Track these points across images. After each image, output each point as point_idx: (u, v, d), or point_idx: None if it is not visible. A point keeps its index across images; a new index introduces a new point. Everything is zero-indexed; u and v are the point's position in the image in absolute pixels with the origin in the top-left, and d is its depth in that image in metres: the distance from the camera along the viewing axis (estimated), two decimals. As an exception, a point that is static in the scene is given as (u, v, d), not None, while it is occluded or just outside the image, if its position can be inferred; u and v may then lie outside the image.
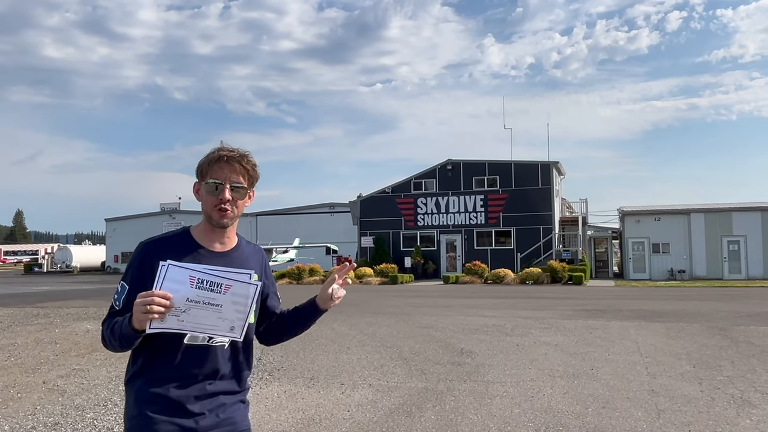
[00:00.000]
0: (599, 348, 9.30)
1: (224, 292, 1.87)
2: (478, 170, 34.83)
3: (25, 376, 7.51)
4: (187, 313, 1.82)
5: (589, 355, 8.72)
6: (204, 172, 2.05)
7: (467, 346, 9.53)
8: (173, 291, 1.80)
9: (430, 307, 16.36)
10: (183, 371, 1.98)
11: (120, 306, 1.98)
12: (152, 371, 1.98)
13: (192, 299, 1.82)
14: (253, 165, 2.09)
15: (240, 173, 2.04)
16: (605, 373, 7.49)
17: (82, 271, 52.99)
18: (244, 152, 2.08)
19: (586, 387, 6.74)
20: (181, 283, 1.82)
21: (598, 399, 6.20)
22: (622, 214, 34.03)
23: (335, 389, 6.75)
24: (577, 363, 8.14)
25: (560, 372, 7.56)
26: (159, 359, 1.97)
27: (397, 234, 35.76)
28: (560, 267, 28.16)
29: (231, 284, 1.88)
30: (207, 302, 1.84)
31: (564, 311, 14.93)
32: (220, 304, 1.86)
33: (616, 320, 12.88)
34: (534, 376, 7.35)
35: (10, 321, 13.20)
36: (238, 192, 2.05)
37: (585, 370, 7.68)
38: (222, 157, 2.03)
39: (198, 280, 1.84)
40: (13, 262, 77.68)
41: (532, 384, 6.91)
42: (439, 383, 6.98)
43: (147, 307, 1.76)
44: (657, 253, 32.51)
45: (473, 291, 23.79)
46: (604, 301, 18.01)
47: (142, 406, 1.97)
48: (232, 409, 2.07)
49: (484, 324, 12.27)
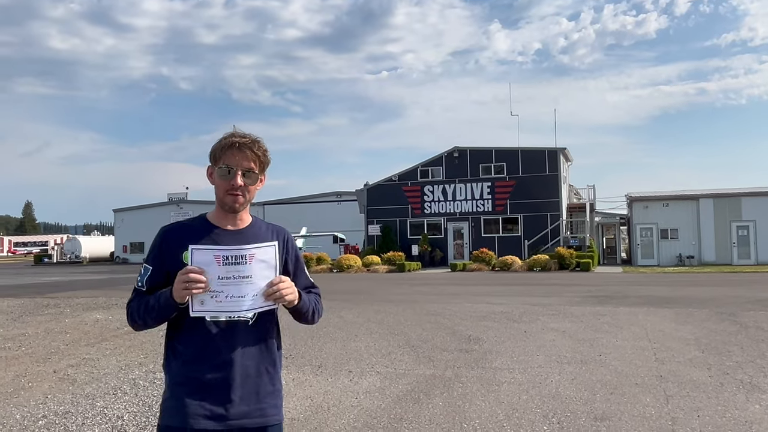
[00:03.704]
0: (607, 334, 9.28)
1: (250, 261, 1.97)
2: (484, 157, 34.71)
3: (36, 365, 7.58)
4: (223, 293, 1.92)
5: (597, 341, 8.71)
6: (217, 157, 2.13)
7: (475, 333, 9.53)
8: (205, 273, 1.92)
9: (438, 295, 16.37)
10: (210, 350, 2.03)
11: (144, 287, 2.10)
12: (181, 352, 2.06)
13: (223, 276, 1.92)
14: (264, 151, 2.16)
15: (251, 159, 2.11)
16: (613, 359, 7.48)
17: (91, 261, 53.32)
18: (256, 138, 2.15)
19: (594, 373, 6.73)
20: (209, 264, 1.93)
21: (607, 385, 6.19)
22: (630, 200, 33.87)
23: (343, 377, 6.77)
24: (585, 349, 8.12)
25: (568, 358, 7.55)
26: (187, 340, 2.05)
27: (404, 222, 35.76)
28: (568, 254, 28.10)
29: (253, 252, 1.99)
30: (237, 276, 1.94)
31: (572, 298, 14.90)
32: (250, 274, 1.95)
33: (624, 306, 12.85)
34: (542, 362, 7.35)
35: (21, 311, 13.30)
36: (250, 177, 2.12)
37: (593, 356, 7.67)
38: (234, 143, 2.10)
39: (224, 257, 1.95)
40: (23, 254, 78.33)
41: (540, 370, 6.90)
42: (447, 370, 6.99)
43: (185, 283, 1.90)
44: (665, 239, 32.40)
45: (481, 278, 23.78)
46: (612, 288, 17.97)
47: (174, 388, 2.05)
48: (265, 399, 2.10)
49: (491, 311, 12.27)
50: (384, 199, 36.08)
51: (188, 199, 54.20)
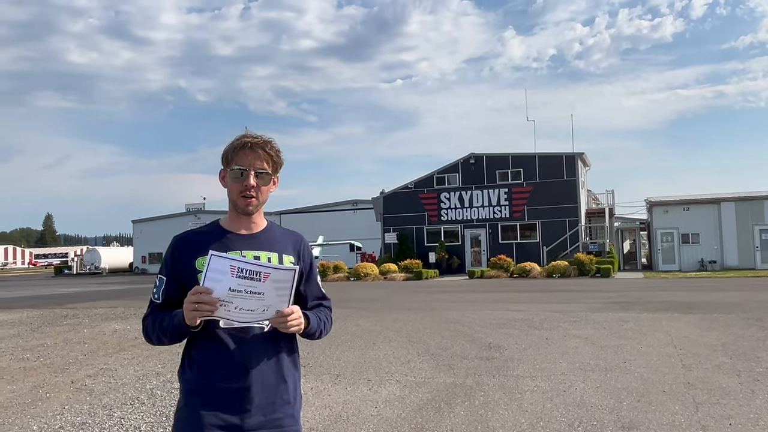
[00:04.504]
0: (631, 341, 9.07)
1: (264, 279, 1.88)
2: (501, 163, 34.48)
3: (54, 376, 7.56)
4: (232, 303, 1.86)
5: (621, 347, 8.51)
6: (229, 159, 2.09)
7: (495, 340, 9.37)
8: (216, 281, 1.84)
9: (456, 302, 16.21)
10: (225, 357, 1.97)
11: (160, 299, 2.05)
12: (196, 360, 2.00)
13: (234, 288, 1.85)
14: (277, 151, 2.11)
15: (264, 159, 2.07)
16: (638, 366, 7.29)
17: (110, 272, 53.78)
18: (268, 138, 2.11)
19: (619, 380, 6.55)
20: (224, 273, 1.85)
21: (633, 393, 6.02)
22: (649, 204, 33.43)
23: (362, 385, 6.66)
24: (609, 356, 7.94)
25: (592, 365, 7.37)
26: (201, 346, 2.00)
27: (421, 229, 35.61)
28: (587, 260, 27.76)
29: (269, 272, 1.89)
30: (249, 290, 1.86)
31: (593, 304, 14.66)
32: (262, 292, 1.88)
33: (647, 312, 12.60)
34: (565, 369, 7.18)
35: (40, 322, 13.37)
36: (263, 178, 2.07)
37: (617, 363, 7.48)
38: (246, 144, 2.06)
39: (238, 270, 1.85)
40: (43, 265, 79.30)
41: (564, 378, 6.74)
42: (468, 378, 6.85)
43: (194, 305, 1.83)
44: (686, 243, 31.88)
45: (499, 285, 23.55)
46: (634, 293, 17.68)
47: (188, 397, 1.99)
48: (282, 409, 2.03)
49: (511, 318, 12.09)
50: (400, 206, 35.97)
51: (205, 210, 54.55)
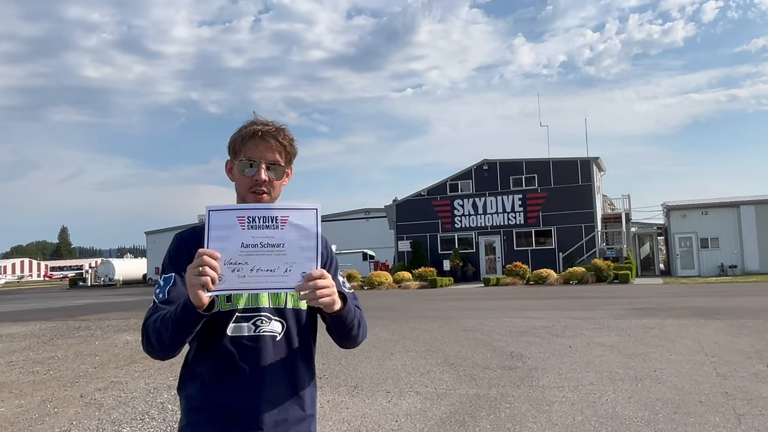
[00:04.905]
0: (659, 348, 8.72)
1: (282, 225, 1.54)
2: (515, 169, 34.10)
3: (63, 389, 7.34)
4: (247, 265, 1.50)
5: (649, 355, 8.16)
6: (237, 150, 1.81)
7: (517, 349, 9.05)
8: (223, 239, 1.50)
9: (473, 310, 15.87)
10: (231, 370, 1.70)
11: (165, 296, 1.70)
12: (199, 373, 1.73)
13: (248, 244, 1.51)
14: (291, 140, 1.83)
15: (276, 150, 1.79)
16: (670, 374, 6.94)
17: (124, 283, 53.85)
18: (281, 125, 1.82)
19: (651, 390, 6.22)
20: (231, 227, 1.51)
21: (668, 403, 5.69)
22: (667, 209, 32.91)
23: (381, 398, 6.37)
24: (638, 365, 7.60)
25: (621, 375, 7.04)
26: (204, 357, 1.73)
27: (435, 237, 35.26)
28: (605, 265, 27.31)
29: (287, 214, 1.54)
30: (266, 243, 1.52)
31: (614, 311, 14.28)
32: (282, 242, 1.53)
33: (671, 318, 12.21)
34: (592, 379, 6.85)
35: (52, 334, 13.21)
36: (275, 171, 1.79)
37: (647, 372, 7.14)
38: (256, 133, 1.77)
39: (249, 219, 1.52)
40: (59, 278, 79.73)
41: (592, 388, 6.41)
42: (491, 389, 6.54)
43: (199, 276, 1.45)
44: (705, 248, 31.32)
45: (516, 293, 23.17)
46: (655, 299, 17.25)
47: (190, 414, 1.74)
48: (296, 427, 1.76)
49: (531, 326, 11.75)
50: (413, 214, 35.66)
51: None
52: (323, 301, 1.57)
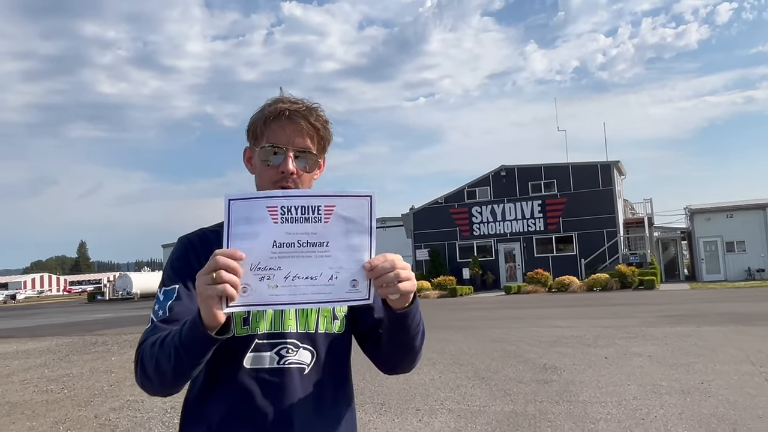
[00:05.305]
0: (701, 357, 8.23)
1: (326, 218, 1.15)
2: (533, 175, 33.54)
3: (77, 409, 7.03)
4: (281, 270, 1.12)
5: (692, 366, 7.69)
6: (258, 134, 1.44)
7: (549, 360, 8.61)
8: (249, 237, 1.11)
9: (497, 320, 15.41)
10: (249, 412, 1.33)
11: (166, 314, 1.31)
12: (206, 417, 1.36)
13: (281, 242, 1.12)
14: (325, 122, 1.45)
15: (307, 134, 1.42)
16: (719, 387, 6.48)
17: (142, 297, 53.84)
18: (312, 104, 1.44)
19: (702, 405, 5.77)
20: (260, 221, 1.12)
21: (724, 420, 5.24)
22: (690, 212, 32.20)
23: (410, 416, 5.98)
24: (682, 376, 7.13)
25: (665, 388, 6.58)
26: (213, 396, 1.36)
27: (453, 245, 34.78)
28: (629, 271, 26.66)
29: (333, 203, 1.15)
30: (305, 242, 1.13)
31: (645, 318, 13.75)
32: (326, 240, 1.15)
33: (707, 325, 11.68)
34: (636, 393, 6.41)
35: (68, 350, 12.96)
36: (306, 160, 1.42)
37: (694, 384, 6.68)
38: (282, 112, 1.40)
39: (283, 210, 1.13)
40: (78, 292, 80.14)
41: (638, 403, 5.97)
42: (528, 405, 6.12)
43: (213, 275, 1.07)
44: (731, 251, 30.55)
45: (539, 301, 22.64)
46: (685, 306, 16.67)
47: None
48: None
49: (560, 335, 11.29)
50: (431, 222, 35.22)
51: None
52: (405, 286, 1.18)
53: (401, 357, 1.42)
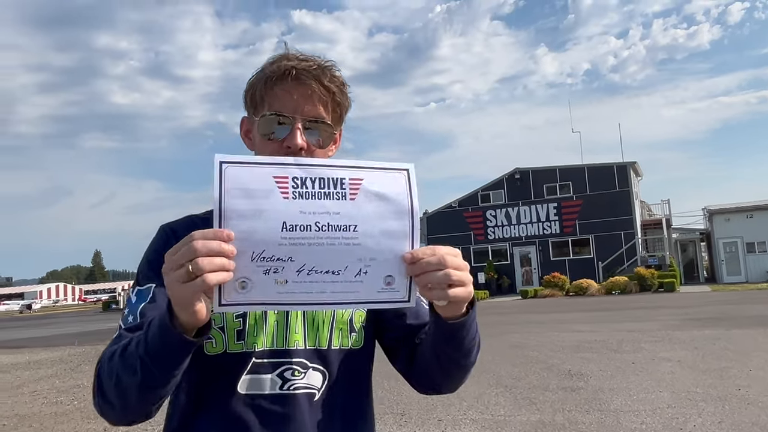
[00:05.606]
0: (734, 362, 7.87)
1: (352, 194, 0.86)
2: (548, 177, 33.09)
3: (87, 422, 6.80)
4: (293, 261, 0.83)
5: (726, 371, 7.33)
6: (258, 100, 1.12)
7: (574, 366, 8.28)
8: (250, 216, 0.82)
9: (516, 324, 15.06)
10: None
11: (137, 320, 1.03)
12: None
13: (293, 225, 0.83)
14: (341, 84, 1.14)
15: (320, 100, 1.10)
16: (758, 393, 6.13)
17: (156, 305, 54.13)
18: (325, 63, 1.13)
19: (742, 413, 5.44)
20: (263, 195, 0.83)
21: (767, 429, 4.90)
22: (709, 213, 31.61)
23: (433, 427, 5.69)
24: (716, 382, 6.79)
25: (700, 395, 6.24)
26: (203, 422, 1.07)
27: (467, 249, 34.35)
28: (648, 274, 26.16)
29: (360, 177, 0.87)
30: (326, 225, 0.84)
31: (669, 321, 13.35)
32: (353, 223, 0.85)
33: (736, 329, 11.27)
34: (669, 401, 6.08)
35: (80, 360, 12.79)
36: (319, 132, 1.11)
37: (730, 390, 6.34)
38: (288, 72, 1.09)
39: (296, 182, 0.84)
40: (92, 301, 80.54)
41: (673, 412, 5.64)
42: (556, 414, 5.81)
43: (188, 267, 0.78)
44: (752, 252, 29.91)
45: (557, 305, 22.22)
46: (709, 308, 16.22)
47: None
48: None
49: (583, 340, 10.94)
50: (444, 226, 34.85)
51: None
52: (456, 293, 0.88)
53: (446, 375, 1.12)
